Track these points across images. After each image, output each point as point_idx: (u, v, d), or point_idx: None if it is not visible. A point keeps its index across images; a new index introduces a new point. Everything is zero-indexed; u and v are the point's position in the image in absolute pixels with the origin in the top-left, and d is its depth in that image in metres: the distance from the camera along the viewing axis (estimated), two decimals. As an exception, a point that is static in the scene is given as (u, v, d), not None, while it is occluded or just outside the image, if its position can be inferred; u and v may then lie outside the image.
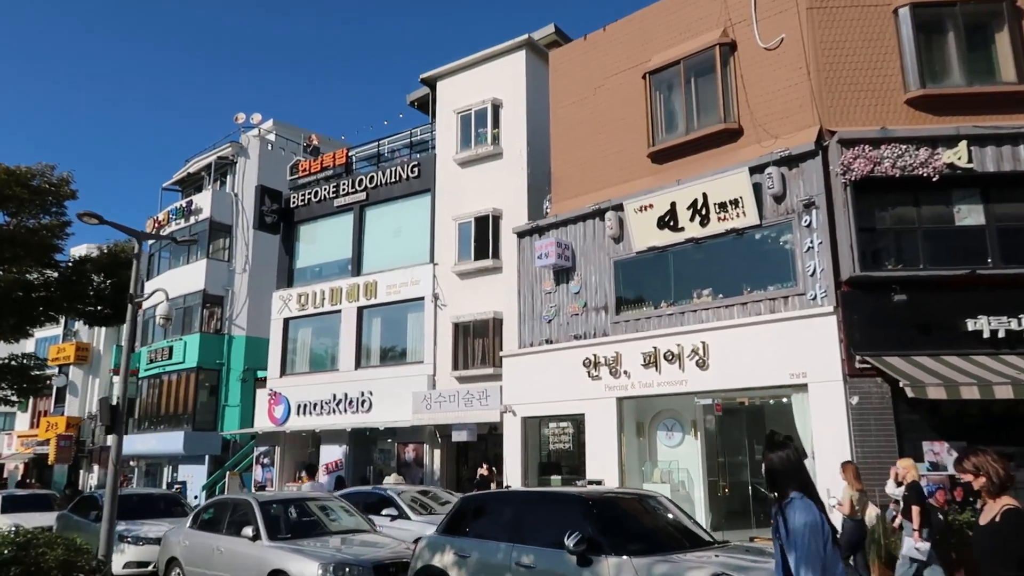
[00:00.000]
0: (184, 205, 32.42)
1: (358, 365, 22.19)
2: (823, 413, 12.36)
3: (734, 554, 6.59)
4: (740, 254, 14.04)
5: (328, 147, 29.74)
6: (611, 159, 16.42)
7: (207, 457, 29.82)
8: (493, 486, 17.46)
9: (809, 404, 12.57)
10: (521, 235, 17.76)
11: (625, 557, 6.33)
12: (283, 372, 23.98)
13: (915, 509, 8.92)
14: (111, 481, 11.30)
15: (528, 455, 16.72)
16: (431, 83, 22.58)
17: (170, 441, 29.78)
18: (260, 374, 30.88)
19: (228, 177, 33.89)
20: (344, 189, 23.63)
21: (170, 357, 31.38)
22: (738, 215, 13.88)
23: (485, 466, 18.50)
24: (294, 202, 24.88)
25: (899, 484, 9.73)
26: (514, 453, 16.73)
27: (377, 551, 9.26)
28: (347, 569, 8.67)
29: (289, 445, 23.64)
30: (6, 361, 15.12)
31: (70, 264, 14.87)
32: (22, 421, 41.93)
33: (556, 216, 16.96)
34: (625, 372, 14.91)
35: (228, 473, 28.07)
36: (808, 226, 13.16)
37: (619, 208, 15.64)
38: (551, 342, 16.59)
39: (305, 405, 22.67)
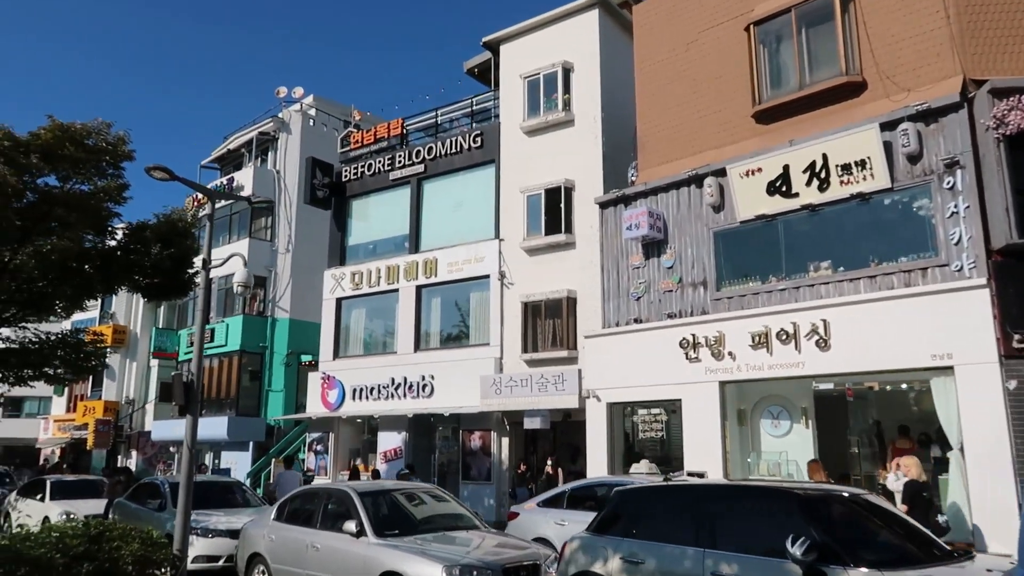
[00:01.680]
0: (225, 182, 31.39)
1: (417, 347, 21.01)
2: (973, 399, 10.94)
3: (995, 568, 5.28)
4: (866, 222, 12.61)
5: (371, 124, 28.47)
6: (707, 120, 15.02)
7: (251, 444, 28.92)
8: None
9: (956, 389, 11.15)
10: (604, 205, 16.42)
11: (871, 570, 5.03)
12: (336, 355, 22.87)
13: (903, 508, 8.96)
14: (187, 466, 10.18)
15: (614, 444, 15.43)
16: (494, 48, 21.24)
17: (213, 427, 28.83)
18: (304, 358, 29.90)
19: (269, 154, 32.82)
20: (400, 161, 22.39)
21: (212, 340, 30.45)
22: (865, 178, 12.44)
23: (551, 462, 17.28)
24: (346, 176, 23.69)
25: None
26: (598, 441, 15.45)
27: (503, 551, 8.04)
28: (474, 573, 7.45)
29: (343, 431, 22.54)
30: (59, 337, 13.98)
31: (127, 231, 13.58)
32: (58, 405, 41.30)
33: (645, 184, 15.60)
34: (730, 354, 13.56)
35: (274, 460, 27.11)
36: (951, 188, 11.71)
37: (720, 173, 14.25)
38: (640, 321, 15.28)
39: (361, 389, 21.54)
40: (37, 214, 12.80)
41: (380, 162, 22.89)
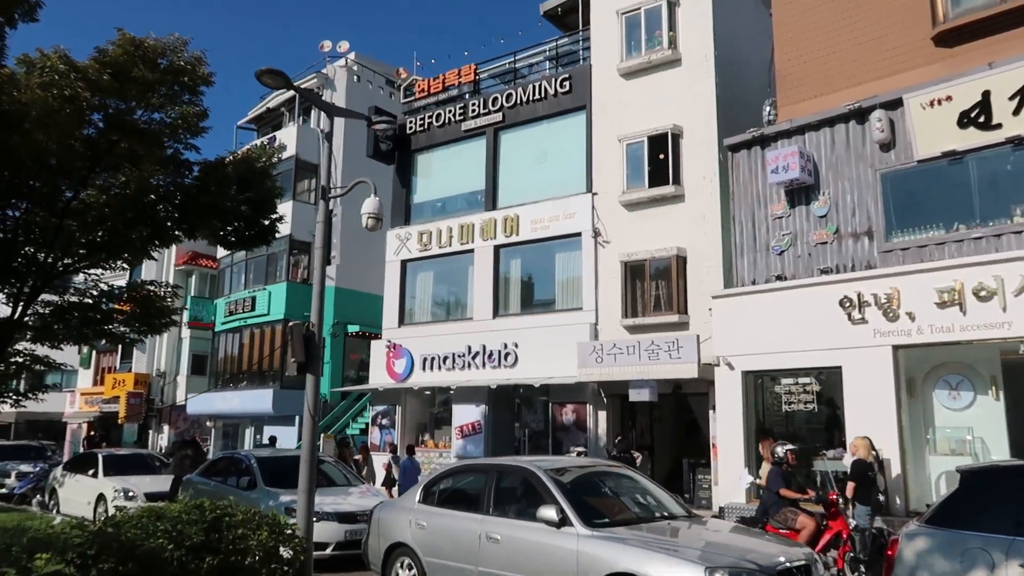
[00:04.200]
0: (267, 142, 29.42)
1: (496, 313, 19.12)
2: None
3: None
4: (1090, 156, 10.64)
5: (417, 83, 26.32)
6: (868, 47, 12.99)
7: (297, 418, 27.15)
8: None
9: None
10: (735, 149, 14.43)
11: None
12: (402, 321, 20.99)
13: (850, 485, 10.01)
14: (308, 437, 8.32)
15: (748, 417, 13.56)
16: (582, -17, 19.15)
17: (257, 400, 27.19)
18: (351, 328, 28.16)
19: (312, 112, 30.82)
20: (474, 110, 20.38)
21: (252, 309, 28.71)
22: (1091, 104, 10.44)
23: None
24: (410, 127, 21.68)
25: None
26: (731, 415, 13.58)
27: (763, 548, 6.18)
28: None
29: (411, 404, 20.73)
30: (124, 290, 12.11)
31: (202, 169, 11.66)
32: (84, 378, 39.65)
33: (790, 121, 13.59)
34: (908, 314, 11.61)
35: (323, 436, 25.41)
36: None
37: (891, 105, 12.26)
38: (784, 278, 13.35)
39: (432, 359, 19.68)
40: (104, 145, 10.90)
41: (451, 112, 20.88)
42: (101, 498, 15.17)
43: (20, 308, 10.96)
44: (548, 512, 6.60)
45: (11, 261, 10.66)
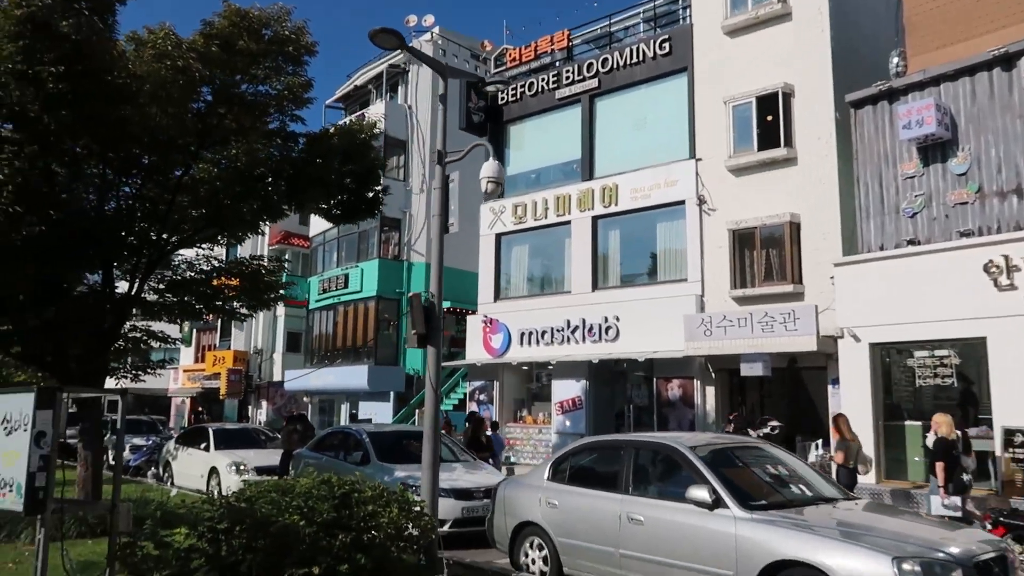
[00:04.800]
0: (356, 119, 29.50)
1: (596, 286, 18.58)
2: None
3: None
4: None
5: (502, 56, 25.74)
6: (1015, -14, 11.78)
7: (392, 394, 27.40)
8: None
9: None
10: (858, 104, 13.43)
11: None
12: (498, 296, 20.71)
13: (939, 465, 9.16)
14: (431, 411, 8.04)
15: (876, 392, 12.68)
16: (683, -63, 18.21)
17: (352, 376, 27.48)
18: (443, 305, 28.06)
19: (399, 88, 30.76)
20: (568, 77, 19.75)
21: (346, 286, 28.99)
22: None
23: (732, 418, 14.55)
24: (502, 98, 21.22)
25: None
26: (858, 390, 12.74)
27: (956, 536, 5.53)
28: (937, 570, 4.97)
29: (508, 379, 20.47)
30: (234, 265, 12.12)
31: (307, 141, 11.49)
32: (186, 356, 41.14)
33: (923, 72, 12.50)
34: (1067, 278, 10.53)
35: (418, 411, 25.52)
36: None
37: (1045, 49, 11.07)
38: (917, 242, 12.36)
39: (530, 333, 19.32)
40: (213, 118, 10.83)
41: (544, 80, 20.31)
42: (214, 471, 15.47)
43: (136, 284, 11.07)
44: (699, 493, 6.11)
45: (127, 237, 10.76)
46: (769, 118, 15.89)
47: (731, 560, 5.79)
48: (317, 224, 31.40)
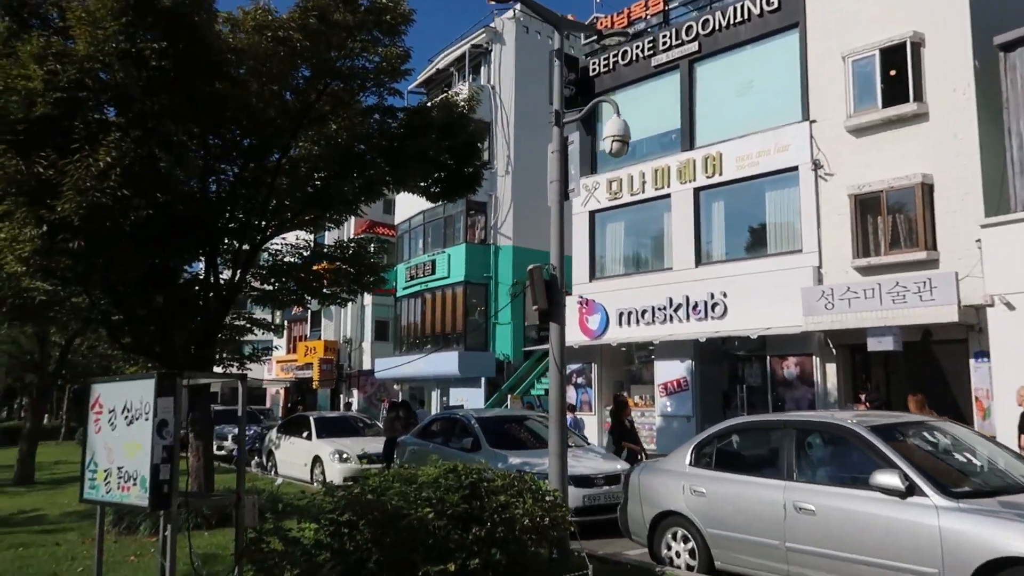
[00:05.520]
0: (452, 93, 29.11)
1: (699, 261, 17.62)
2: None
3: None
4: None
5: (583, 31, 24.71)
6: None
7: (483, 380, 27.03)
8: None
9: None
10: (1008, 47, 12.11)
11: None
12: (593, 276, 19.96)
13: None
14: (557, 394, 7.43)
15: (1034, 367, 11.40)
16: None
17: (443, 363, 27.19)
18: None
19: (482, 70, 30.23)
20: (665, 43, 18.75)
21: (433, 272, 28.75)
22: None
23: (864, 398, 13.27)
24: (594, 69, 20.37)
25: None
26: (1013, 364, 11.49)
27: None
28: None
29: (607, 361, 19.75)
30: (335, 248, 11.77)
31: (404, 116, 10.97)
32: (278, 346, 41.93)
33: (1086, 5, 11.09)
34: None
35: (510, 396, 25.10)
36: None
37: None
38: (1082, 197, 11.00)
39: (628, 313, 18.51)
40: (311, 94, 10.45)
41: (638, 48, 19.36)
42: (317, 459, 15.34)
43: (239, 271, 10.84)
44: (889, 479, 5.27)
45: (229, 221, 10.52)
46: (893, 72, 14.61)
47: (934, 556, 4.96)
48: (402, 211, 31.28)
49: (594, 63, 20.39)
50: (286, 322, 40.55)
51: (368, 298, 35.92)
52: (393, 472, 6.89)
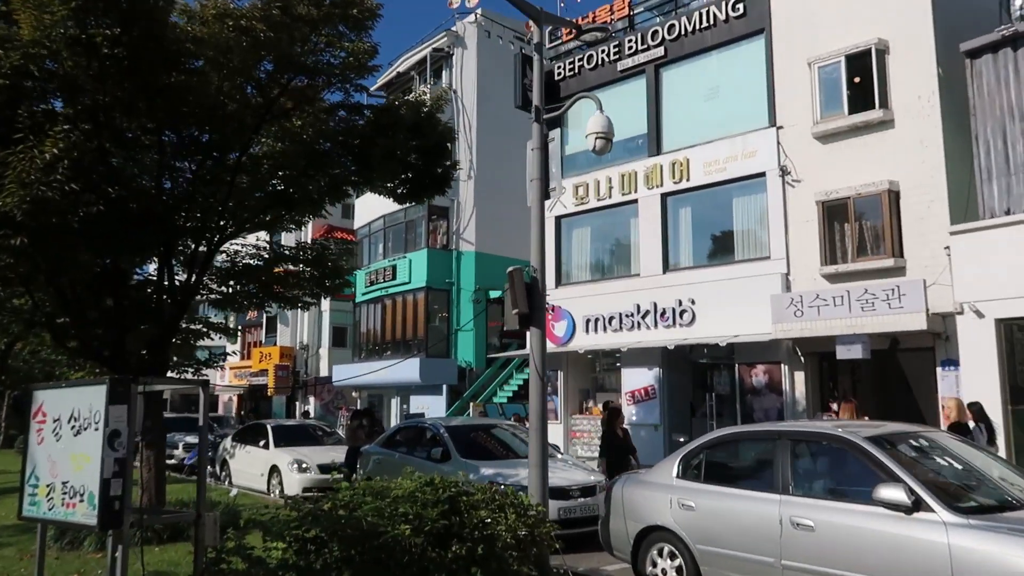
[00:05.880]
0: (407, 101, 28.64)
1: (667, 267, 17.48)
2: None
3: None
4: None
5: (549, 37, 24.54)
6: None
7: (444, 387, 26.58)
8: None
9: None
10: (975, 54, 12.17)
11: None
12: (559, 282, 19.68)
13: None
14: (538, 402, 7.08)
15: (1003, 374, 11.44)
16: None
17: (403, 370, 26.66)
18: (493, 294, 27.19)
19: (443, 73, 29.85)
20: (631, 48, 18.63)
21: (393, 278, 28.22)
22: None
23: (837, 406, 13.22)
24: (559, 73, 20.16)
25: None
26: (982, 372, 11.53)
27: None
28: None
29: (573, 368, 19.48)
30: (296, 250, 11.27)
31: (371, 114, 10.56)
32: (233, 352, 40.78)
33: (1054, 14, 11.20)
34: None
35: (472, 404, 24.69)
36: None
37: None
38: (1051, 205, 11.08)
39: (596, 319, 18.30)
40: (274, 89, 9.97)
41: (604, 52, 19.20)
42: (275, 469, 14.76)
43: (196, 272, 10.28)
44: (893, 493, 5.04)
45: (186, 221, 9.95)
46: (859, 79, 14.66)
47: (944, 574, 4.73)
48: (362, 215, 30.70)
49: (559, 67, 20.19)
50: (240, 327, 39.47)
51: (326, 304, 35.10)
52: (364, 485, 6.46)
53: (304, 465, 14.34)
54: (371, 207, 28.21)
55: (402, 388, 28.14)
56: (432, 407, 26.54)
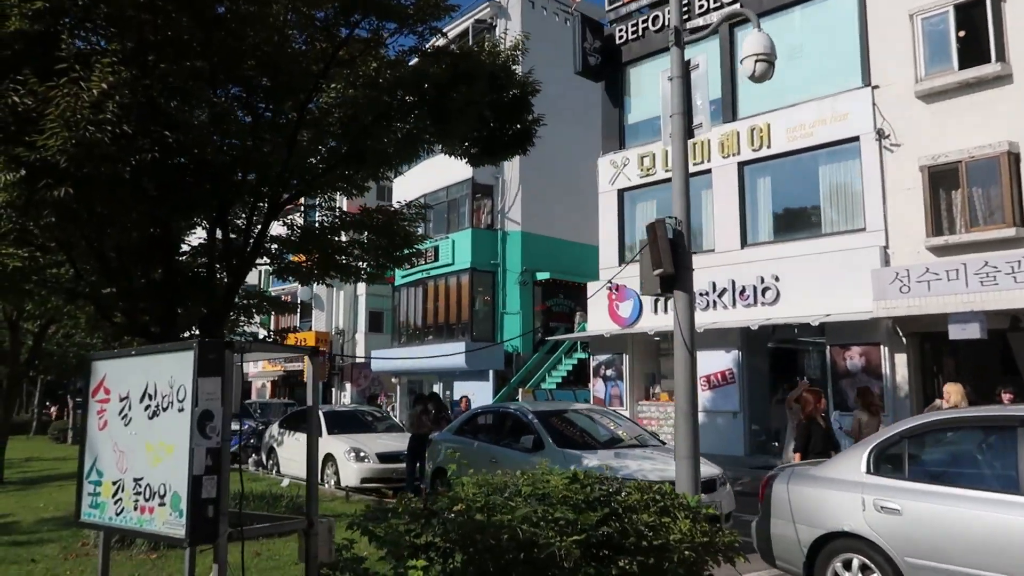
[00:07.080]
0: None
1: (745, 242, 16.14)
2: None
3: None
4: None
5: (593, 13, 23.07)
6: None
7: (491, 372, 25.41)
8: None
9: None
10: None
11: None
12: (623, 259, 18.39)
13: None
14: (685, 380, 5.86)
15: None
16: None
17: (447, 355, 25.54)
18: (539, 276, 25.99)
19: (486, 46, 28.50)
20: (701, 5, 17.23)
21: (436, 259, 27.00)
22: None
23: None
24: (621, 37, 18.80)
25: None
26: None
27: None
28: None
29: (640, 352, 18.21)
30: (362, 216, 10.07)
31: (451, 58, 9.32)
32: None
33: None
34: None
35: (521, 390, 23.55)
36: None
37: None
38: None
39: (666, 299, 16.96)
40: (341, 27, 8.77)
41: (670, 13, 17.76)
42: (329, 458, 13.66)
43: (255, 239, 9.15)
44: None
45: (247, 175, 8.80)
46: (962, 33, 13.23)
47: None
48: (399, 196, 29.56)
49: (621, 30, 18.83)
50: (272, 313, 38.57)
51: (361, 287, 34.11)
52: (479, 480, 5.24)
53: (362, 454, 13.23)
54: (410, 186, 27.02)
55: (445, 374, 26.99)
56: (478, 394, 25.34)
